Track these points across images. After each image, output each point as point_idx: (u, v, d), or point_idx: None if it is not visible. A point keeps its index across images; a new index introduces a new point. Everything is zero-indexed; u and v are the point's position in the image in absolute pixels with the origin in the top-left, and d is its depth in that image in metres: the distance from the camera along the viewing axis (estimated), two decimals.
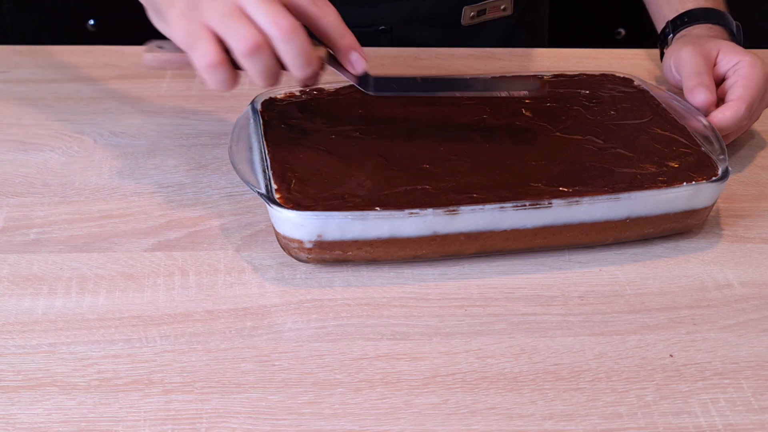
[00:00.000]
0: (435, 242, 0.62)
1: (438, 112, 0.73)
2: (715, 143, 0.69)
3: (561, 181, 0.64)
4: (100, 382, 0.55)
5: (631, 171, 0.66)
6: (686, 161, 0.67)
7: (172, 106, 0.82)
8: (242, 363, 0.57)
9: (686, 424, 0.54)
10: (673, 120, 0.73)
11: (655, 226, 0.66)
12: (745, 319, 0.61)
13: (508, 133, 0.70)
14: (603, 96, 0.76)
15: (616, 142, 0.69)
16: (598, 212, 0.63)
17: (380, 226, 0.61)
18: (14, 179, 0.72)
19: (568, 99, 0.75)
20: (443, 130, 0.71)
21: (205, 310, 0.60)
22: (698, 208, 0.66)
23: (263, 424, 0.53)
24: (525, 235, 0.63)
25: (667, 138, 0.70)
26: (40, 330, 0.58)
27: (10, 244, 0.65)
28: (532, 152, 0.68)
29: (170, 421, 0.53)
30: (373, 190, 0.63)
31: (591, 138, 0.70)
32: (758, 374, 0.57)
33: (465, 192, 0.63)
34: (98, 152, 0.76)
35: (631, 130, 0.71)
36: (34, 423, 0.52)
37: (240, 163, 0.65)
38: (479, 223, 0.62)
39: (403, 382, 0.56)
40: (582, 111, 0.74)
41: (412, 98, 0.73)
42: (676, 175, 0.65)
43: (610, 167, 0.66)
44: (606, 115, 0.73)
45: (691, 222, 0.67)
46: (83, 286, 0.62)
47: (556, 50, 0.96)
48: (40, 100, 0.82)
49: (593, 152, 0.68)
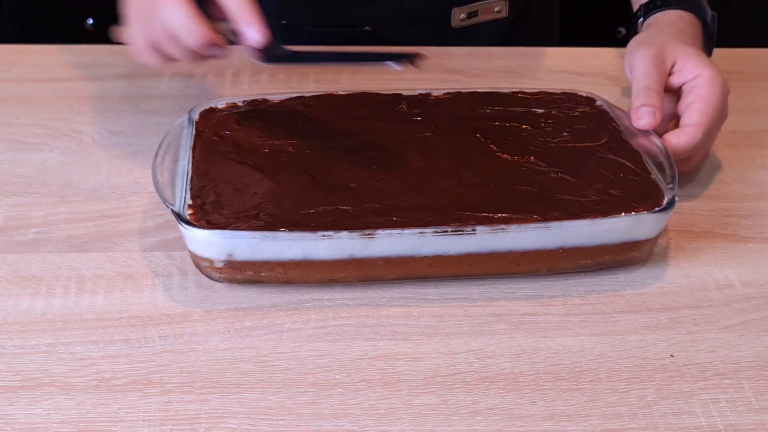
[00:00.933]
0: (352, 266, 0.60)
1: (381, 128, 0.70)
2: (667, 170, 0.65)
3: (492, 207, 0.61)
4: (99, 382, 0.55)
5: (571, 198, 0.62)
6: (631, 189, 0.63)
7: (171, 106, 0.82)
8: (241, 363, 0.56)
9: (687, 425, 0.53)
10: (627, 144, 0.69)
11: (592, 257, 0.62)
12: (746, 319, 0.61)
13: (447, 153, 0.67)
14: (559, 116, 0.72)
15: (561, 165, 0.66)
16: (527, 241, 0.60)
17: (292, 247, 0.58)
18: (13, 179, 0.72)
19: (521, 118, 0.72)
20: (381, 147, 0.68)
21: (204, 310, 0.60)
22: (640, 239, 0.62)
23: (262, 425, 0.53)
24: (449, 262, 0.60)
25: (616, 163, 0.66)
26: (38, 330, 0.58)
27: (9, 243, 0.65)
28: (469, 174, 0.65)
29: (169, 421, 0.52)
30: (290, 209, 0.60)
31: (535, 161, 0.66)
32: (759, 374, 0.57)
33: (387, 214, 0.60)
34: (97, 152, 0.75)
35: (580, 154, 0.68)
36: (33, 423, 0.52)
37: (161, 174, 0.63)
38: (398, 248, 0.59)
39: (403, 382, 0.56)
40: (532, 131, 0.70)
41: (355, 112, 0.72)
42: (617, 203, 0.62)
43: (549, 193, 0.63)
44: (557, 136, 0.70)
45: (633, 254, 0.63)
46: (82, 286, 0.62)
47: (556, 49, 0.96)
48: (39, 100, 0.82)
49: (534, 176, 0.65)
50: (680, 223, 0.70)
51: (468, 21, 0.96)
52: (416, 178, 0.64)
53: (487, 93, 0.75)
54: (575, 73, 0.90)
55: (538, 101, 0.74)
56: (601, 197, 0.63)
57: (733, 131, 0.81)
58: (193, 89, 0.84)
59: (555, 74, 0.90)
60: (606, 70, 0.91)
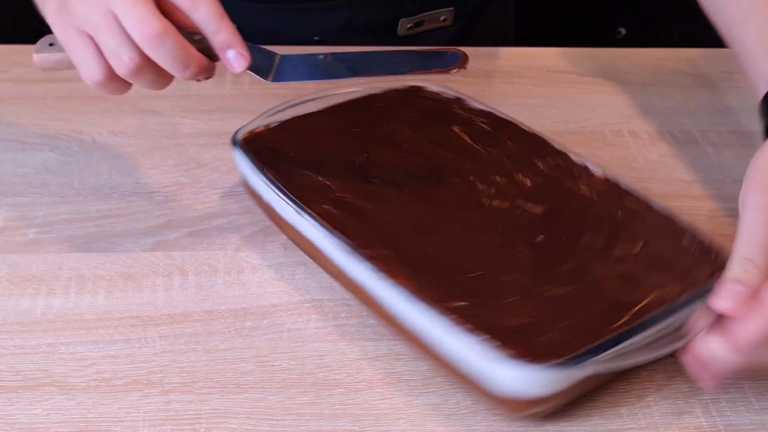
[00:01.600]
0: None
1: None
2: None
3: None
4: (99, 382, 0.55)
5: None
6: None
7: (172, 106, 0.82)
8: (242, 363, 0.56)
9: (687, 425, 0.53)
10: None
11: None
12: None
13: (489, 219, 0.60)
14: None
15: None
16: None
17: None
18: (13, 179, 0.72)
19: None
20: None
21: (205, 310, 0.60)
22: None
23: (263, 425, 0.53)
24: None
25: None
26: (38, 330, 0.58)
27: (9, 244, 0.65)
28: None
29: (169, 421, 0.53)
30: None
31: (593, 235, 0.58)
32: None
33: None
34: (97, 152, 0.75)
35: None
36: (33, 423, 0.52)
37: None
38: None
39: (403, 382, 0.56)
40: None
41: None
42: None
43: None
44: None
45: None
46: (82, 286, 0.62)
47: (556, 49, 0.96)
48: (39, 100, 0.82)
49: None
50: None
51: (414, 30, 0.97)
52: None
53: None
54: (575, 73, 0.91)
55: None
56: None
57: (733, 131, 0.81)
58: (193, 89, 0.84)
59: (555, 74, 0.90)
60: (606, 70, 0.91)
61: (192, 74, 0.60)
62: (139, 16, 0.57)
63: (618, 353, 0.50)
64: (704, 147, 0.79)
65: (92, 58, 0.58)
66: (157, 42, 0.57)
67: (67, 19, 0.58)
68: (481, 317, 0.51)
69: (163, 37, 0.57)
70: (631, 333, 0.51)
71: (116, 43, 0.57)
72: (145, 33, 0.57)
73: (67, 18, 0.58)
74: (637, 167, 0.76)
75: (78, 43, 0.58)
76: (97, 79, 0.59)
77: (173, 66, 0.59)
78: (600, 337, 0.50)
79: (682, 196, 0.72)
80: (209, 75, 0.62)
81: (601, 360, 0.49)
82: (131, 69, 0.58)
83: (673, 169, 0.76)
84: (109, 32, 0.57)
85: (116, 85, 0.60)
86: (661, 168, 0.76)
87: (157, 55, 0.58)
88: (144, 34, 0.57)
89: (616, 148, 0.79)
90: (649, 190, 0.72)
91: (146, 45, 0.57)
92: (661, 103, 0.86)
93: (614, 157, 0.77)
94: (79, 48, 0.58)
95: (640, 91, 0.88)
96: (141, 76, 0.59)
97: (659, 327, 0.51)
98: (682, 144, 0.80)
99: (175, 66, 0.59)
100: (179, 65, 0.59)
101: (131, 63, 0.58)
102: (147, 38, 0.57)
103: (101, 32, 0.57)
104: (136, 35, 0.57)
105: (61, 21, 0.59)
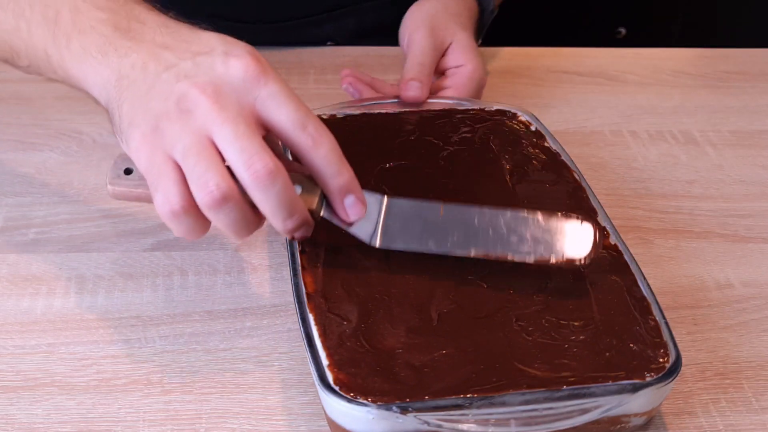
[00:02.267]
0: None
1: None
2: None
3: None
4: (99, 382, 0.55)
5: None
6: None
7: None
8: (242, 363, 0.56)
9: (687, 425, 0.53)
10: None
11: None
12: (746, 319, 0.61)
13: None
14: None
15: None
16: None
17: None
18: (13, 179, 0.72)
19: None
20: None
21: (205, 310, 0.60)
22: None
23: (263, 425, 0.53)
24: None
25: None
26: (38, 330, 0.58)
27: (9, 244, 0.65)
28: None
29: (169, 421, 0.52)
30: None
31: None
32: (759, 374, 0.57)
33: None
34: (97, 152, 0.75)
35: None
36: (33, 423, 0.52)
37: None
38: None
39: None
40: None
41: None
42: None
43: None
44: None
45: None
46: (82, 286, 0.62)
47: (556, 49, 0.96)
48: (39, 100, 0.82)
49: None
50: (680, 223, 0.70)
51: None
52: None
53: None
54: (575, 73, 0.91)
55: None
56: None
57: (733, 131, 0.82)
58: None
59: (555, 74, 0.90)
60: (606, 70, 0.91)
61: (294, 226, 0.52)
62: (249, 149, 0.50)
63: (449, 418, 0.47)
64: (704, 147, 0.79)
65: (172, 183, 0.50)
66: (268, 181, 0.50)
67: (157, 142, 0.51)
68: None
69: (275, 177, 0.50)
70: (480, 401, 0.47)
71: (205, 167, 0.50)
72: (255, 170, 0.49)
73: (157, 141, 0.51)
74: (637, 167, 0.76)
75: (162, 169, 0.50)
76: (171, 207, 0.50)
77: (277, 212, 0.51)
78: (448, 395, 0.47)
79: (682, 196, 0.72)
80: (307, 233, 0.54)
81: (422, 417, 0.47)
82: (216, 198, 0.50)
83: (673, 169, 0.76)
84: (200, 156, 0.50)
85: (191, 221, 0.51)
86: (661, 168, 0.76)
87: (262, 197, 0.50)
88: (254, 171, 0.49)
89: (616, 148, 0.79)
90: (649, 190, 0.73)
91: (254, 183, 0.50)
92: (661, 103, 0.86)
93: (614, 157, 0.77)
94: (162, 173, 0.50)
95: (640, 91, 0.88)
96: (223, 210, 0.50)
97: (522, 408, 0.48)
98: (682, 144, 0.80)
99: (280, 213, 0.51)
100: (284, 212, 0.51)
101: (217, 192, 0.49)
102: (256, 176, 0.49)
103: (191, 155, 0.50)
104: (243, 171, 0.50)
105: (149, 144, 0.51)
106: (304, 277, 0.55)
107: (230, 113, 0.50)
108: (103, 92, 0.54)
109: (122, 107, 0.53)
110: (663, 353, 0.51)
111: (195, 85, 0.51)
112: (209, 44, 0.53)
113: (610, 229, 0.59)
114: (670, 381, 0.49)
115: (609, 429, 0.51)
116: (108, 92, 0.54)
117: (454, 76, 0.77)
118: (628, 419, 0.51)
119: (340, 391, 0.48)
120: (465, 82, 0.76)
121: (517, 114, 0.72)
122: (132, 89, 0.53)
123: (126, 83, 0.53)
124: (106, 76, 0.54)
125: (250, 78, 0.51)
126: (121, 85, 0.53)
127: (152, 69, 0.52)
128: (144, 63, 0.53)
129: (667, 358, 0.50)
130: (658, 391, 0.50)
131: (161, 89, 0.51)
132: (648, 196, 0.72)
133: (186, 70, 0.52)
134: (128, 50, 0.54)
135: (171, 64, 0.52)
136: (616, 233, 0.59)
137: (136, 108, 0.52)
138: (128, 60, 0.53)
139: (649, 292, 0.55)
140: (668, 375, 0.49)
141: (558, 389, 0.48)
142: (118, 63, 0.54)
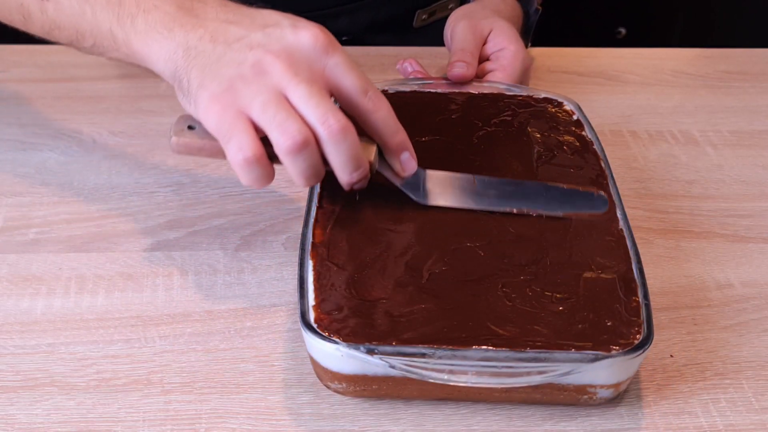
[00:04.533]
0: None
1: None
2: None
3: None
4: (99, 382, 0.55)
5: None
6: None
7: (171, 106, 0.81)
8: (242, 363, 0.56)
9: (687, 425, 0.53)
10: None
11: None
12: (745, 319, 0.61)
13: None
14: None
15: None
16: None
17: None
18: (13, 179, 0.72)
19: None
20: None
21: (205, 310, 0.60)
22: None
23: (263, 425, 0.53)
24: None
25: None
26: (38, 330, 0.58)
27: (9, 244, 0.65)
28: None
29: (169, 421, 0.53)
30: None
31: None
32: (759, 374, 0.57)
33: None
34: (97, 152, 0.75)
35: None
36: (33, 423, 0.52)
37: None
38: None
39: None
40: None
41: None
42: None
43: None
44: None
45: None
46: (82, 286, 0.62)
47: (556, 49, 0.96)
48: (39, 100, 0.82)
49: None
50: (680, 223, 0.70)
51: (427, 20, 1.01)
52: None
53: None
54: (575, 73, 0.91)
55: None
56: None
57: (733, 131, 0.82)
58: None
59: (555, 74, 0.90)
60: (606, 70, 0.91)
61: (359, 177, 0.57)
62: (323, 106, 0.54)
63: (413, 364, 0.50)
64: (704, 147, 0.79)
65: (245, 134, 0.54)
66: (341, 136, 0.54)
67: (229, 100, 0.54)
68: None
69: (346, 132, 0.54)
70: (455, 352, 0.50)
71: (285, 116, 0.53)
72: (330, 125, 0.54)
73: (229, 99, 0.54)
74: (637, 167, 0.76)
75: (235, 122, 0.54)
76: (245, 155, 0.53)
77: (346, 164, 0.56)
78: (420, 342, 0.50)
79: (682, 196, 0.72)
80: (364, 185, 0.58)
81: (387, 360, 0.50)
82: (298, 142, 0.53)
83: (673, 169, 0.76)
84: (279, 107, 0.53)
85: (261, 169, 0.55)
86: (661, 168, 0.76)
87: (335, 150, 0.55)
88: (329, 126, 0.54)
89: (616, 148, 0.79)
90: (649, 190, 0.73)
91: (328, 136, 0.54)
92: (661, 103, 0.86)
93: (614, 157, 0.77)
94: (235, 126, 0.54)
95: (640, 91, 0.88)
96: (302, 155, 0.54)
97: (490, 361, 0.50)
98: (682, 144, 0.80)
99: (349, 165, 0.56)
100: (352, 164, 0.56)
101: (300, 136, 0.53)
102: (330, 130, 0.54)
103: (270, 107, 0.53)
104: (319, 125, 0.54)
105: (221, 103, 0.54)
106: (315, 229, 0.58)
107: (304, 75, 0.54)
108: (169, 63, 0.57)
109: (191, 72, 0.56)
110: (636, 331, 0.52)
111: (269, 52, 0.55)
112: (273, 18, 0.57)
113: (621, 216, 0.60)
114: (635, 356, 0.50)
115: (577, 398, 0.53)
116: (175, 62, 0.57)
117: (498, 59, 0.78)
118: (594, 390, 0.52)
119: (317, 329, 0.51)
120: (510, 62, 0.77)
121: (563, 103, 0.73)
122: (200, 58, 0.56)
123: (194, 53, 0.56)
124: (173, 48, 0.57)
125: (319, 47, 0.56)
126: (189, 54, 0.56)
127: (222, 40, 0.56)
128: (212, 36, 0.56)
129: (639, 336, 0.51)
130: (623, 365, 0.51)
131: (233, 57, 0.55)
132: (648, 196, 0.72)
133: (258, 40, 0.55)
134: (194, 26, 0.57)
135: (241, 36, 0.56)
136: (625, 221, 0.60)
137: (206, 73, 0.55)
138: (195, 34, 0.56)
139: (639, 276, 0.55)
140: (634, 350, 0.50)
141: (520, 350, 0.50)
142: (184, 37, 0.57)
